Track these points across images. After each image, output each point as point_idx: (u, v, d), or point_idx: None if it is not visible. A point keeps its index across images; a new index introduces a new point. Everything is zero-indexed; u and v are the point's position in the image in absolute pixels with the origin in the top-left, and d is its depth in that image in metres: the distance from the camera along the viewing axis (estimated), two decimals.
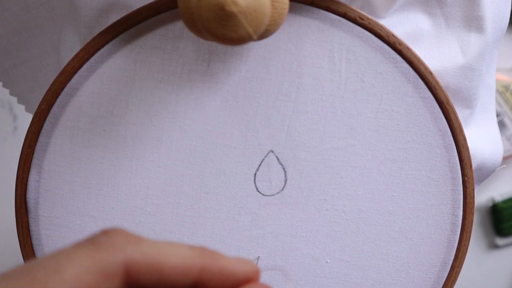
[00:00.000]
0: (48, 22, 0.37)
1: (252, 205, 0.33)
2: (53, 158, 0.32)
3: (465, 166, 0.33)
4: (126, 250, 0.19)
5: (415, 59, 0.32)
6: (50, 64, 0.38)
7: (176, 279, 0.20)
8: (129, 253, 0.19)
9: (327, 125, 0.32)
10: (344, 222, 0.33)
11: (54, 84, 0.31)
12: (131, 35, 0.31)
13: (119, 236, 0.19)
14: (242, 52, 0.32)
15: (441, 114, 0.32)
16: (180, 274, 0.20)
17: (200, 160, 0.33)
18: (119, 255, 0.19)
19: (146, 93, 0.32)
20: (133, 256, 0.19)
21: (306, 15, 0.31)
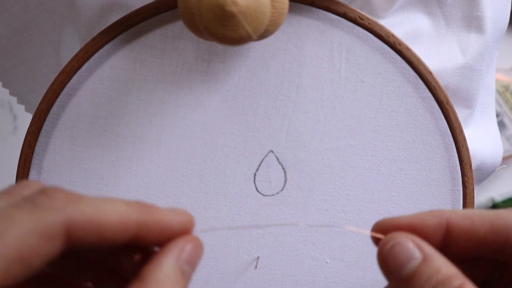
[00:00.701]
0: (48, 22, 0.37)
1: (252, 205, 0.33)
2: (53, 158, 0.32)
3: (465, 166, 0.33)
4: (66, 210, 0.19)
5: (415, 59, 0.32)
6: (50, 64, 0.38)
7: (115, 236, 0.21)
8: (68, 214, 0.19)
9: (327, 125, 0.32)
10: (344, 222, 0.33)
11: (54, 84, 0.31)
12: (131, 35, 0.31)
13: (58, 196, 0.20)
14: (242, 52, 0.32)
15: (441, 114, 0.32)
16: (119, 230, 0.21)
17: (200, 160, 0.33)
18: (59, 216, 0.19)
19: (146, 93, 0.32)
20: (73, 216, 0.19)
21: (306, 15, 0.31)
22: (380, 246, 0.23)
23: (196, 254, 0.23)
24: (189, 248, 0.22)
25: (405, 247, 0.23)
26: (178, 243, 0.22)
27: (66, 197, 0.20)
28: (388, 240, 0.23)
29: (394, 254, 0.23)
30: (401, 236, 0.23)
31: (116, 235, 0.21)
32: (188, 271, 0.22)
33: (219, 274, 0.33)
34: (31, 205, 0.19)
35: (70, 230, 0.20)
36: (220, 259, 0.33)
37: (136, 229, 0.21)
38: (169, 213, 0.22)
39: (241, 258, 0.33)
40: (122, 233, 0.21)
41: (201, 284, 0.33)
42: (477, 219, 0.23)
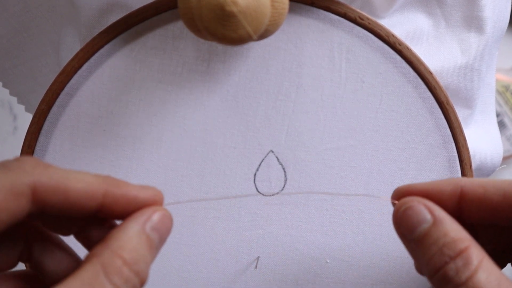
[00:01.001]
0: (48, 22, 0.36)
1: (252, 205, 0.33)
2: (53, 158, 0.32)
3: (465, 166, 0.33)
4: (34, 172, 0.21)
5: (415, 59, 0.32)
6: (50, 64, 0.38)
7: (81, 202, 0.22)
8: (35, 175, 0.21)
9: (327, 125, 0.32)
10: (344, 222, 0.33)
11: (54, 84, 0.31)
12: (131, 35, 0.31)
13: (28, 162, 0.22)
14: (242, 52, 0.32)
15: (441, 114, 0.32)
16: (85, 197, 0.22)
17: (200, 160, 0.33)
18: (26, 177, 0.21)
19: (146, 93, 0.32)
20: (39, 178, 0.21)
21: (306, 15, 0.31)
22: (395, 210, 0.25)
23: (163, 223, 0.24)
24: (156, 216, 0.23)
25: (417, 210, 0.24)
26: (144, 211, 0.23)
27: (36, 162, 0.22)
28: (402, 204, 0.25)
29: (406, 217, 0.24)
30: (413, 200, 0.24)
31: (82, 201, 0.22)
32: (154, 238, 0.23)
33: (219, 274, 0.33)
34: (2, 167, 0.21)
35: (36, 191, 0.21)
36: (220, 259, 0.33)
37: (102, 197, 0.22)
38: (137, 187, 0.23)
39: (241, 258, 0.33)
40: (88, 200, 0.22)
41: (201, 284, 0.33)
42: (490, 187, 0.24)
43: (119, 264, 0.21)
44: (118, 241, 0.22)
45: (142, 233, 0.23)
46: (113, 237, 0.22)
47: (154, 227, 0.23)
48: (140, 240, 0.22)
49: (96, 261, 0.21)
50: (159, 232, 0.23)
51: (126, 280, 0.21)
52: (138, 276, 0.22)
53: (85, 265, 0.21)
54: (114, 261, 0.21)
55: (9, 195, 0.20)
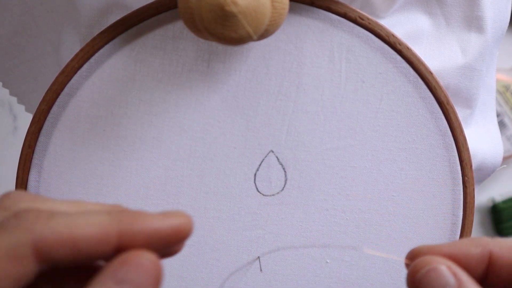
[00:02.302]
0: (48, 22, 0.36)
1: (252, 205, 0.33)
2: (53, 158, 0.32)
3: (465, 166, 0.33)
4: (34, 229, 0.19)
5: (415, 59, 0.32)
6: (50, 64, 0.38)
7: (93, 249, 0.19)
8: (36, 232, 0.19)
9: (327, 125, 0.32)
10: (344, 222, 0.33)
11: (54, 84, 0.31)
12: (131, 35, 0.31)
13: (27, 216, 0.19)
14: (242, 52, 0.32)
15: (441, 114, 0.32)
16: (96, 242, 0.19)
17: (200, 160, 0.33)
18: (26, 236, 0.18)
19: (146, 93, 0.32)
20: (41, 235, 0.19)
21: (306, 15, 0.31)
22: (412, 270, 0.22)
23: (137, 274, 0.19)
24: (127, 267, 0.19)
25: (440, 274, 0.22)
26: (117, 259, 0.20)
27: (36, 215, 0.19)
28: (422, 265, 0.22)
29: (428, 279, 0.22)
30: (436, 261, 0.22)
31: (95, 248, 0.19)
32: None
33: (219, 274, 0.33)
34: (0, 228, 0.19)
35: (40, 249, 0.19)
36: (220, 259, 0.33)
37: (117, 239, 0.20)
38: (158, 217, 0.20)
39: (242, 259, 0.33)
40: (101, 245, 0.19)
41: (201, 284, 0.33)
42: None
43: None
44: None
45: None
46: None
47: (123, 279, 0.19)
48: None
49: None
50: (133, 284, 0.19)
51: None
52: None
53: None
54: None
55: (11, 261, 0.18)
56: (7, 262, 0.18)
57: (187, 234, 0.20)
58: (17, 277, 0.18)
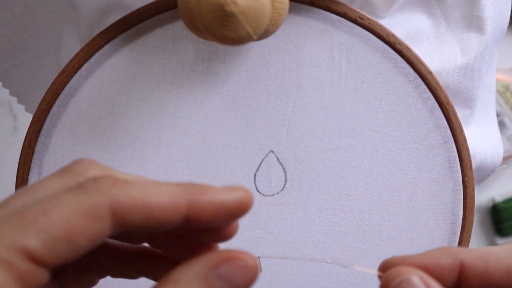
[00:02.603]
0: (48, 22, 0.36)
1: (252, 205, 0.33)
2: (53, 158, 0.32)
3: (465, 166, 0.33)
4: (112, 192, 0.20)
5: (415, 59, 0.32)
6: (50, 64, 0.38)
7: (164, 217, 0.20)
8: (114, 196, 0.20)
9: (327, 125, 0.32)
10: (344, 222, 0.33)
11: (54, 84, 0.31)
12: (131, 35, 0.31)
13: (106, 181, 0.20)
14: (242, 52, 0.32)
15: (441, 114, 0.32)
16: (168, 211, 0.20)
17: (200, 160, 0.33)
18: (104, 198, 0.19)
19: (146, 93, 0.32)
20: (118, 198, 0.20)
21: (306, 15, 0.31)
22: (385, 281, 0.22)
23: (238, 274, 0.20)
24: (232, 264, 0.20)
25: (412, 285, 0.22)
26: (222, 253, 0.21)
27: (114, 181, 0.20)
28: (395, 276, 0.22)
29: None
30: (409, 272, 0.22)
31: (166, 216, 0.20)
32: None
33: None
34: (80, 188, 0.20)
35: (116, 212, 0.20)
36: None
37: (186, 209, 0.20)
38: (223, 190, 0.21)
39: None
40: (172, 214, 0.20)
41: None
42: (492, 261, 0.22)
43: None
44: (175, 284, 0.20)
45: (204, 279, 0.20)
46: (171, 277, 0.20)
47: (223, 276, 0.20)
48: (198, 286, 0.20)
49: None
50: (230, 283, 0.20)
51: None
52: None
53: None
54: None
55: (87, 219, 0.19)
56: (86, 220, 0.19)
57: (248, 206, 0.21)
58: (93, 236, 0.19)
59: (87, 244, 0.19)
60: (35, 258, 0.19)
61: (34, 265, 0.19)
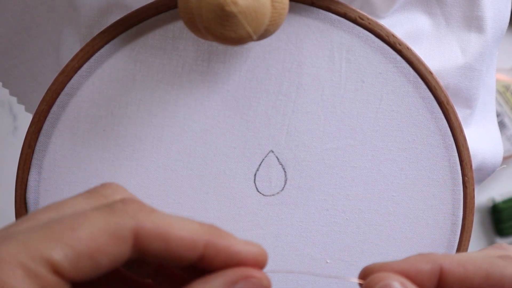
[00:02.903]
0: (48, 22, 0.36)
1: (252, 205, 0.33)
2: (53, 158, 0.32)
3: (465, 166, 0.33)
4: (137, 217, 0.20)
5: (415, 59, 0.32)
6: (50, 64, 0.38)
7: (181, 251, 0.21)
8: (139, 220, 0.20)
9: (327, 125, 0.32)
10: (344, 222, 0.33)
11: (54, 84, 0.31)
12: (131, 35, 0.31)
13: (133, 204, 0.21)
14: (242, 52, 0.32)
15: (441, 114, 0.32)
16: (186, 246, 0.21)
17: (200, 160, 0.33)
18: (130, 221, 0.20)
19: (146, 93, 0.32)
20: (143, 223, 0.20)
21: (306, 15, 0.31)
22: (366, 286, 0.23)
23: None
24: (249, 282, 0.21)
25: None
26: (239, 270, 0.21)
27: (141, 206, 0.21)
28: (376, 282, 0.22)
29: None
30: (389, 277, 0.22)
31: (183, 250, 0.21)
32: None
33: None
34: (107, 208, 0.20)
35: (139, 237, 0.20)
36: None
37: (203, 248, 0.21)
38: (242, 242, 0.22)
39: None
40: (189, 249, 0.21)
41: None
42: (471, 267, 0.23)
43: None
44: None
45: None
46: None
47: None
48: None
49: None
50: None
51: None
52: None
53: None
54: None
55: (111, 239, 0.20)
56: (109, 239, 0.20)
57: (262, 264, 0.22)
58: (114, 257, 0.20)
59: (107, 264, 0.20)
60: (59, 271, 0.19)
61: (58, 278, 0.19)
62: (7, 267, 0.18)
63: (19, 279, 0.18)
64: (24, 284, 0.18)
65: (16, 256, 0.19)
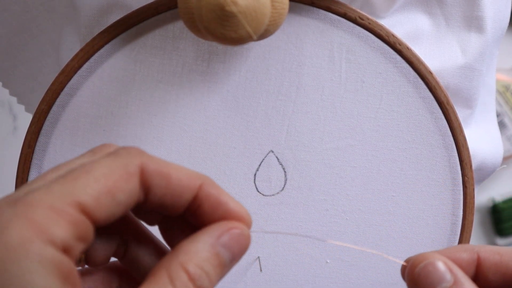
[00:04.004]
0: (48, 22, 0.37)
1: (252, 205, 0.33)
2: (53, 158, 0.32)
3: (465, 166, 0.33)
4: (142, 158, 0.22)
5: (415, 59, 0.32)
6: (50, 64, 0.38)
7: (180, 190, 0.22)
8: (143, 159, 0.22)
9: (327, 125, 0.32)
10: (344, 222, 0.33)
11: (54, 84, 0.31)
12: (131, 35, 0.31)
13: (135, 149, 0.22)
14: (242, 52, 0.32)
15: (441, 114, 0.32)
16: (183, 186, 0.22)
17: (200, 160, 0.33)
18: (136, 159, 0.22)
19: (146, 93, 0.32)
20: (147, 162, 0.22)
21: (306, 15, 0.31)
22: (411, 264, 0.24)
23: (238, 242, 0.22)
24: (231, 234, 0.22)
25: (437, 268, 0.24)
26: (220, 225, 0.22)
27: (141, 151, 0.22)
28: (421, 260, 0.24)
29: (425, 274, 0.24)
30: (434, 256, 0.24)
31: (181, 190, 0.22)
32: (224, 256, 0.22)
33: None
34: (112, 154, 0.22)
35: (144, 173, 0.22)
36: None
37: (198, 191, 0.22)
38: (231, 197, 0.23)
39: (242, 259, 0.33)
40: (186, 189, 0.22)
41: None
42: (506, 254, 0.24)
43: (184, 279, 0.21)
44: (186, 254, 0.22)
45: (211, 249, 0.22)
46: (182, 248, 0.22)
47: (227, 244, 0.22)
48: (208, 255, 0.22)
49: (164, 273, 0.21)
50: (232, 251, 0.22)
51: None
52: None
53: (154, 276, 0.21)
54: (180, 275, 0.21)
55: (123, 175, 0.21)
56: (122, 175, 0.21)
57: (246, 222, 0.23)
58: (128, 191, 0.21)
59: (124, 199, 0.21)
60: (85, 210, 0.20)
61: (85, 217, 0.20)
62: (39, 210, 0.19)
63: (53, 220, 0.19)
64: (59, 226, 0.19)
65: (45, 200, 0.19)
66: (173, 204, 0.22)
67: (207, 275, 0.22)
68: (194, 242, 0.22)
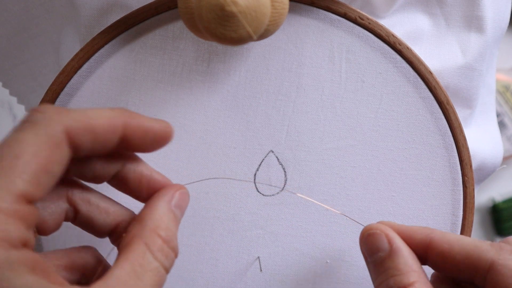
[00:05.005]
0: (48, 22, 0.37)
1: (252, 205, 0.33)
2: None
3: (465, 166, 0.33)
4: (61, 119, 0.22)
5: (415, 59, 0.32)
6: (50, 64, 0.38)
7: (105, 136, 0.23)
8: (64, 122, 0.22)
9: (327, 125, 0.32)
10: (344, 222, 0.33)
11: (54, 84, 0.31)
12: (131, 35, 0.31)
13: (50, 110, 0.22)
14: (242, 52, 0.32)
15: (441, 114, 0.32)
16: (108, 131, 0.23)
17: (200, 160, 0.33)
18: (58, 126, 0.22)
19: (146, 93, 0.32)
20: (68, 123, 0.22)
21: (306, 15, 0.31)
22: (362, 232, 0.28)
23: (183, 200, 0.26)
24: (177, 195, 0.26)
25: (378, 238, 0.27)
26: (168, 191, 0.26)
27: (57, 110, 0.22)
28: (368, 229, 0.28)
29: (368, 241, 0.28)
30: (378, 227, 0.28)
31: (107, 136, 0.23)
32: (178, 214, 0.26)
33: (219, 274, 0.33)
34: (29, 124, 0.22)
35: (70, 136, 0.22)
36: (220, 259, 0.33)
37: (122, 130, 0.24)
38: (150, 118, 0.25)
39: (242, 259, 0.33)
40: (111, 133, 0.23)
41: (201, 284, 0.33)
42: (456, 246, 0.26)
43: (160, 243, 0.24)
44: (153, 221, 0.24)
45: (170, 211, 0.25)
46: (147, 216, 0.25)
47: (177, 204, 0.26)
48: (169, 218, 0.25)
49: (140, 241, 0.23)
50: (181, 208, 0.26)
51: (167, 256, 0.24)
52: (174, 251, 0.25)
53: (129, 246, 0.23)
54: (156, 240, 0.24)
55: (52, 148, 0.21)
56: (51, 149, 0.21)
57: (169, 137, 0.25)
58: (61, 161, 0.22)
59: (60, 169, 0.22)
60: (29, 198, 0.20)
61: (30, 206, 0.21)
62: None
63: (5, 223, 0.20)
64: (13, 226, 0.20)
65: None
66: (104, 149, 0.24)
67: (174, 234, 0.25)
68: (155, 208, 0.25)
